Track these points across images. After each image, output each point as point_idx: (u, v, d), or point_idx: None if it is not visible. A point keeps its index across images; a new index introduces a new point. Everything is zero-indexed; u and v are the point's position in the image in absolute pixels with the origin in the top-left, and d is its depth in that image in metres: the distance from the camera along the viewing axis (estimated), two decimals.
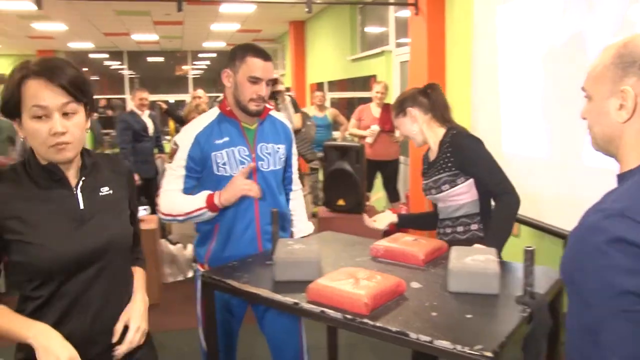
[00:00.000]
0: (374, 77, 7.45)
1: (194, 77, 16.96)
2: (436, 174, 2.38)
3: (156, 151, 6.20)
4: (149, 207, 4.90)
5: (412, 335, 1.44)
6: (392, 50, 7.04)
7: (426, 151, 2.52)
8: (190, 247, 4.97)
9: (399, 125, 2.49)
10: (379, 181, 6.22)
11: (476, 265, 1.71)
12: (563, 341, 1.16)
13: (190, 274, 4.98)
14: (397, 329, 1.47)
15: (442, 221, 2.45)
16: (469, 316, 1.53)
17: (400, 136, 2.61)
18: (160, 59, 17.48)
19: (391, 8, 7.03)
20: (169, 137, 7.83)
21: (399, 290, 1.69)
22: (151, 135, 5.98)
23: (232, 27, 11.72)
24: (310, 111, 7.37)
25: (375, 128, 5.87)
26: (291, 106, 4.98)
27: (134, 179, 1.73)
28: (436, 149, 2.41)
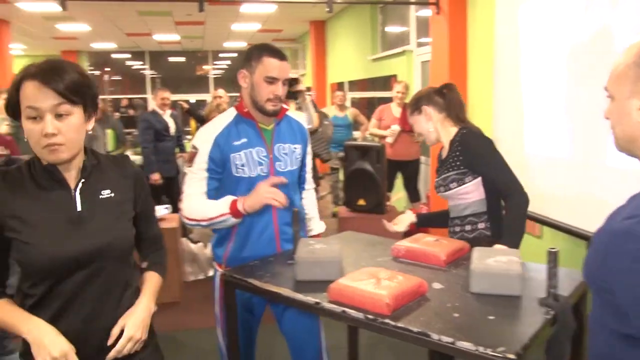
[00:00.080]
0: (395, 76, 7.42)
1: (214, 77, 17.07)
2: (445, 171, 2.42)
3: (177, 150, 6.23)
4: (170, 206, 4.93)
5: (434, 336, 1.43)
6: (413, 49, 7.01)
7: (440, 149, 2.55)
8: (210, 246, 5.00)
9: (414, 122, 2.53)
10: (399, 181, 6.20)
11: (498, 267, 1.70)
12: (587, 344, 1.14)
13: (210, 272, 5.00)
14: (419, 330, 1.46)
15: (452, 220, 2.49)
16: (491, 317, 1.52)
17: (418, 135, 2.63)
18: (182, 59, 17.62)
19: (412, 7, 7.01)
20: (189, 137, 7.88)
21: (421, 291, 1.69)
22: (172, 134, 6.02)
23: (253, 27, 11.77)
24: (331, 111, 7.38)
25: (396, 128, 5.85)
26: (312, 106, 4.99)
27: (142, 181, 1.69)
28: (448, 147, 2.45)
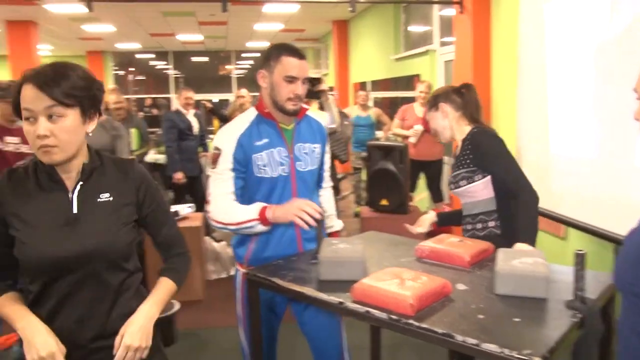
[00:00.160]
0: (418, 76, 7.39)
1: (237, 76, 17.16)
2: (456, 169, 2.48)
3: (200, 150, 6.28)
4: (194, 205, 4.97)
5: (458, 338, 1.42)
6: (436, 49, 6.97)
7: (456, 147, 2.61)
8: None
9: (430, 118, 2.61)
10: (422, 181, 6.17)
11: (524, 268, 1.68)
12: (615, 348, 1.13)
13: (233, 271, 5.03)
14: (443, 331, 1.45)
15: (464, 217, 2.54)
16: (516, 320, 1.50)
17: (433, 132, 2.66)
18: (205, 59, 17.75)
19: (435, 7, 6.97)
20: (212, 136, 7.93)
21: (445, 292, 1.68)
22: (196, 134, 6.07)
23: (276, 27, 11.80)
24: (354, 111, 7.37)
25: (419, 128, 5.82)
26: (334, 105, 4.99)
27: (148, 185, 1.66)
28: (460, 145, 2.51)
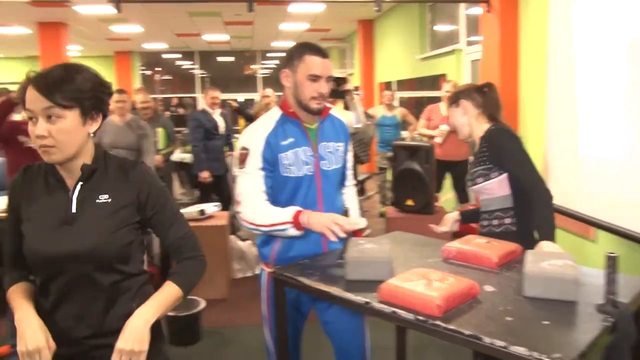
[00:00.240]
0: (444, 76, 7.34)
1: (262, 76, 17.24)
2: (474, 166, 2.55)
3: (226, 149, 6.31)
4: (220, 204, 5.00)
5: (486, 340, 1.41)
6: (463, 48, 6.91)
7: (475, 145, 2.65)
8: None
9: (450, 114, 2.66)
10: (448, 182, 6.12)
11: (553, 270, 1.66)
12: None
13: (258, 270, 5.05)
14: (471, 333, 1.44)
15: (481, 214, 2.60)
16: (545, 323, 1.48)
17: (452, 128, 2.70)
18: (230, 59, 17.87)
19: (462, 5, 6.91)
20: (238, 136, 7.97)
21: (472, 293, 1.66)
22: (222, 133, 6.10)
23: (301, 26, 11.83)
24: (379, 110, 7.35)
25: (445, 128, 5.78)
26: (360, 105, 4.98)
27: (152, 187, 1.63)
28: (478, 143, 2.56)
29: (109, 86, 1.61)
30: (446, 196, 6.01)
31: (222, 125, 6.09)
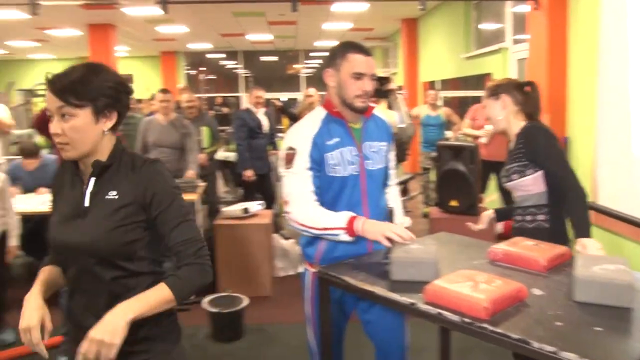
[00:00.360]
0: (489, 75, 7.22)
1: (305, 75, 17.31)
2: (509, 163, 2.53)
3: (270, 148, 6.36)
4: (263, 202, 5.04)
5: (535, 344, 1.37)
6: (509, 47, 6.79)
7: (509, 142, 2.63)
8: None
9: (488, 105, 2.63)
10: (493, 182, 6.02)
11: (606, 275, 1.61)
12: None
13: (300, 269, 5.07)
14: (518, 337, 1.41)
15: (515, 209, 2.60)
16: (597, 329, 1.44)
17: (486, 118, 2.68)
18: (274, 58, 18.00)
19: (508, 3, 6.79)
20: (282, 135, 8.02)
21: (520, 296, 1.63)
22: (266, 132, 6.15)
23: (344, 26, 11.82)
24: (423, 110, 7.30)
25: (490, 128, 5.69)
26: (403, 104, 4.95)
27: (159, 187, 1.61)
28: (514, 139, 2.54)
29: (127, 85, 1.64)
30: (491, 197, 5.91)
31: (265, 124, 6.14)
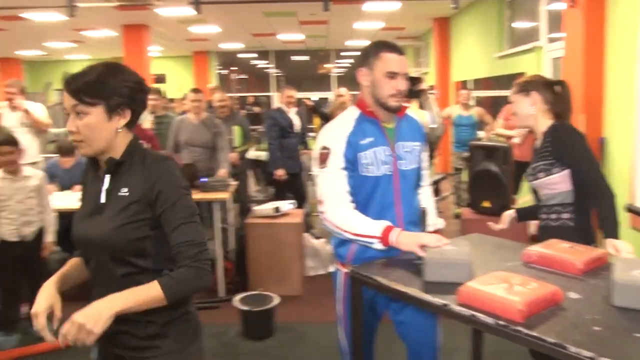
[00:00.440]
0: (523, 74, 7.11)
1: (337, 75, 17.31)
2: (536, 161, 2.52)
3: (301, 147, 6.37)
4: (294, 202, 5.05)
5: (572, 349, 1.35)
6: (543, 46, 6.68)
7: (535, 140, 2.63)
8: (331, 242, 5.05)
9: (516, 100, 2.59)
10: (526, 184, 5.93)
11: None
12: None
13: (331, 268, 5.06)
14: (554, 341, 1.38)
15: (540, 208, 2.59)
16: (638, 335, 1.40)
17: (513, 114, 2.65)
18: (305, 58, 18.04)
19: (543, 1, 6.68)
20: (313, 134, 8.04)
21: (555, 300, 1.60)
22: (297, 131, 6.17)
23: (376, 25, 11.79)
24: (455, 110, 7.25)
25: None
26: (435, 104, 4.91)
27: (166, 186, 1.60)
28: (541, 138, 2.53)
29: (144, 85, 1.67)
30: (524, 198, 5.82)
31: (297, 124, 6.16)
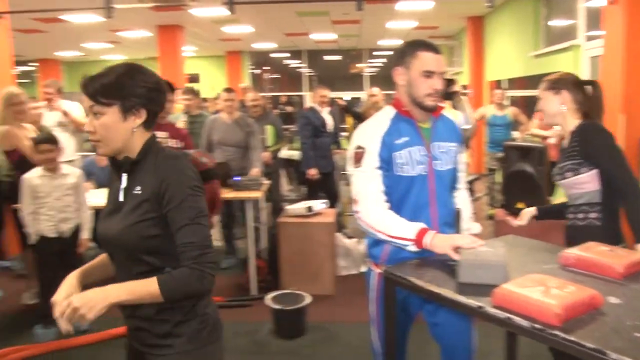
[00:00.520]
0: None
1: (369, 74, 17.26)
2: (563, 161, 2.49)
3: (334, 147, 6.38)
4: (327, 201, 5.06)
5: (612, 355, 1.31)
6: (581, 44, 6.55)
7: (563, 139, 2.61)
8: (364, 242, 5.04)
9: (544, 97, 2.57)
10: None
11: None
12: None
13: (363, 268, 5.07)
14: (594, 346, 1.35)
15: (568, 207, 2.56)
16: None
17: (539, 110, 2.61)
18: (337, 57, 18.04)
19: None
20: (345, 134, 8.04)
21: (594, 304, 1.57)
22: (330, 131, 6.18)
23: (409, 24, 11.72)
24: (489, 110, 7.17)
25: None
26: (468, 106, 4.87)
27: (173, 184, 1.60)
28: (569, 137, 2.50)
29: (162, 86, 1.69)
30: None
31: (330, 123, 6.17)
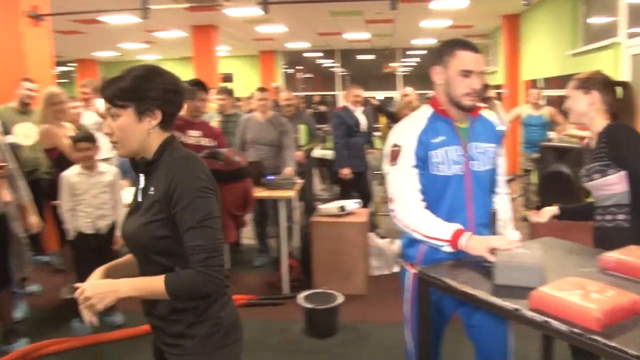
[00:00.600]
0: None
1: (402, 74, 17.18)
2: (591, 162, 2.47)
3: (367, 146, 6.37)
4: (360, 201, 5.05)
5: None
6: (622, 42, 6.39)
7: (589, 140, 2.61)
8: (397, 242, 5.03)
9: (573, 95, 2.55)
10: None
11: None
12: None
13: (395, 268, 5.05)
14: (637, 353, 1.32)
15: (595, 209, 2.55)
16: None
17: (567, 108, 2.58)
18: (370, 57, 18.00)
19: None
20: (379, 133, 8.01)
21: (636, 309, 1.53)
22: (363, 130, 6.17)
23: (443, 23, 11.62)
24: (525, 110, 7.07)
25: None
26: (501, 109, 4.83)
27: (180, 186, 1.59)
28: (596, 138, 2.48)
29: (179, 87, 1.71)
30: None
31: (363, 123, 6.16)
